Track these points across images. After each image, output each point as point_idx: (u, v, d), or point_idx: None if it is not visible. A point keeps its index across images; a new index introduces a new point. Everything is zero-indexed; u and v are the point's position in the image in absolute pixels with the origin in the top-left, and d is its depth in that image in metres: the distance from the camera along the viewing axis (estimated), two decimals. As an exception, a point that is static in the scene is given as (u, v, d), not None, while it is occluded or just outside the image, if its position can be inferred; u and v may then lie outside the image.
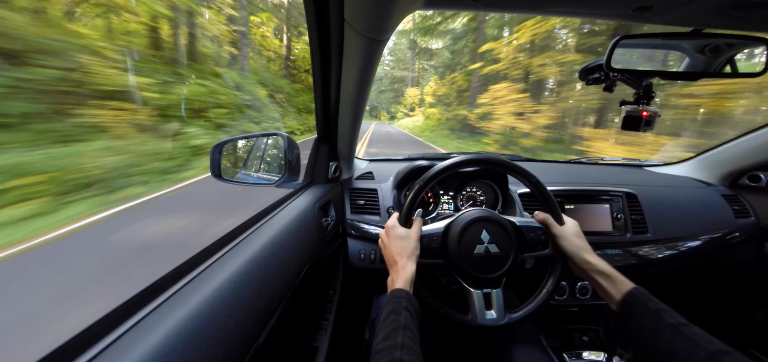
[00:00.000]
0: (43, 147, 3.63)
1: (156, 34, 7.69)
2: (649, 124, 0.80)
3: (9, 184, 3.08)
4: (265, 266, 0.59)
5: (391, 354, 0.49)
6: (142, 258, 2.52)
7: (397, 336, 0.53)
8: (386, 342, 0.52)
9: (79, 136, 4.14)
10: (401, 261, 0.68)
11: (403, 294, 0.61)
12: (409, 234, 0.72)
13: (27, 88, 3.73)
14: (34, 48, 3.94)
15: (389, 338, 0.53)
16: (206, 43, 10.25)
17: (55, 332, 1.70)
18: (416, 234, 0.73)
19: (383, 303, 0.62)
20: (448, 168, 0.76)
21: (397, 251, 0.70)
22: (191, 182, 4.95)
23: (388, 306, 0.60)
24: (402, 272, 0.67)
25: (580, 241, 0.72)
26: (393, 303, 0.60)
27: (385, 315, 0.58)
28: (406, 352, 0.50)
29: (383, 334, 0.54)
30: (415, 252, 0.71)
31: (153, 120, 5.58)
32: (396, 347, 0.50)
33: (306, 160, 1.03)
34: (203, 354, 0.40)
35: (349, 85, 0.81)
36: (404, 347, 0.51)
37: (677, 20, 0.65)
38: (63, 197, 3.40)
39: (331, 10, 0.64)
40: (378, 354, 0.51)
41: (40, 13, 4.83)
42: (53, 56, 4.16)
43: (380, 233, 0.78)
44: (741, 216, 1.23)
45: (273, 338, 0.60)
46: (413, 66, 46.15)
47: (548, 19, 8.86)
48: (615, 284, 0.63)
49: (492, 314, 0.72)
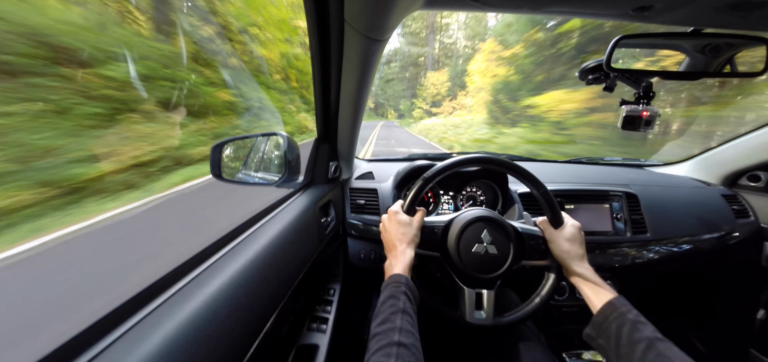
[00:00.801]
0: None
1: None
2: (649, 124, 0.80)
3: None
4: (265, 266, 0.59)
5: (389, 336, 0.50)
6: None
7: (396, 319, 0.53)
8: (385, 326, 0.52)
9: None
10: (401, 247, 0.68)
11: (402, 279, 0.61)
12: (411, 221, 0.72)
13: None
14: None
15: (388, 321, 0.53)
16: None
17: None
18: (418, 222, 0.73)
19: (381, 289, 0.62)
20: (454, 165, 0.76)
21: (397, 236, 0.70)
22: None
23: (387, 291, 0.59)
24: (401, 257, 0.67)
25: (570, 247, 0.70)
26: (392, 288, 0.60)
27: (383, 299, 0.58)
28: (404, 335, 0.50)
29: (382, 317, 0.54)
30: (415, 240, 0.71)
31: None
32: (395, 330, 0.51)
33: (306, 160, 1.02)
34: (203, 353, 0.40)
35: (349, 84, 0.81)
36: (403, 330, 0.51)
37: (677, 20, 0.65)
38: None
39: (331, 10, 0.64)
40: (377, 337, 0.51)
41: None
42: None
43: (382, 217, 0.78)
44: (741, 216, 1.23)
45: (273, 338, 0.60)
46: (433, 42, 31.38)
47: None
48: (598, 293, 0.63)
49: (481, 314, 0.72)
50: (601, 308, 0.60)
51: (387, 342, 0.49)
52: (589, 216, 1.13)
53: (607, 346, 0.56)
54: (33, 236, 2.65)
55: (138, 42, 5.97)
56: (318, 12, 0.66)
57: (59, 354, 0.33)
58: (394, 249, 0.69)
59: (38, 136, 3.35)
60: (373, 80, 0.85)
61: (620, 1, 0.58)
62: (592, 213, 1.14)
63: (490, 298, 0.72)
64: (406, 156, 1.51)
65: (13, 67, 3.21)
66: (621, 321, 0.56)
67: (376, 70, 0.80)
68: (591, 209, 1.14)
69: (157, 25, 7.29)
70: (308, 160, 1.03)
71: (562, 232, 0.73)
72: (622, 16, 0.63)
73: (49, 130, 3.48)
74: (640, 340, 0.51)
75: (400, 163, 1.40)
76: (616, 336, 0.54)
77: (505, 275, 0.72)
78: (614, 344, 0.54)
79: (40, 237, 2.65)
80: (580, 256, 0.70)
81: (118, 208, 3.53)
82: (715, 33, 0.68)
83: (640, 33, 0.73)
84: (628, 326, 0.54)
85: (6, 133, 3.07)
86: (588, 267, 0.68)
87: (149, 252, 2.55)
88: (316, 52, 0.75)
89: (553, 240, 0.72)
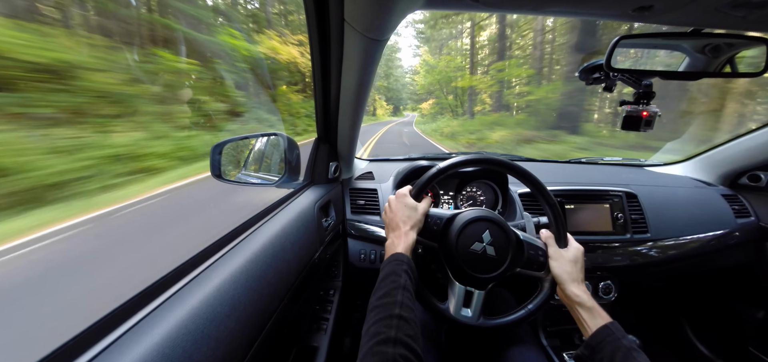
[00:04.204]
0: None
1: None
2: (649, 124, 0.80)
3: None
4: (265, 266, 0.59)
5: (390, 309, 0.50)
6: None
7: (397, 294, 0.53)
8: (385, 299, 0.52)
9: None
10: (404, 228, 0.69)
11: (404, 258, 0.62)
12: (417, 206, 0.73)
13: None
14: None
15: (389, 296, 0.53)
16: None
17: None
18: (424, 209, 0.74)
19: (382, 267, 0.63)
20: (462, 164, 0.76)
21: (402, 218, 0.71)
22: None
23: (388, 267, 0.60)
24: (404, 238, 0.67)
25: (572, 268, 0.70)
26: (393, 265, 0.60)
27: (384, 275, 0.59)
28: (405, 310, 0.51)
29: (382, 292, 0.54)
30: (418, 225, 0.72)
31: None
32: (395, 304, 0.51)
33: (306, 160, 1.02)
34: (203, 353, 0.40)
35: (349, 85, 0.81)
36: (403, 305, 0.51)
37: (677, 20, 0.65)
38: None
39: (331, 10, 0.64)
40: (377, 309, 0.51)
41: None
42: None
43: (388, 198, 0.78)
44: (741, 216, 1.23)
45: (273, 338, 0.60)
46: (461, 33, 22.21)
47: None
48: (594, 317, 0.63)
49: (467, 312, 0.72)
50: (595, 331, 0.60)
51: (387, 314, 0.49)
52: (589, 216, 1.13)
53: None
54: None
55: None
56: (318, 12, 0.67)
57: (59, 354, 0.33)
58: (398, 229, 0.70)
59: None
60: (373, 81, 0.85)
61: (620, 1, 0.58)
62: (592, 213, 1.14)
63: (479, 298, 0.73)
64: (405, 156, 1.51)
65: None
66: (615, 346, 0.56)
67: (376, 70, 0.80)
68: (591, 209, 1.14)
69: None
70: (308, 160, 1.03)
71: (566, 252, 0.72)
72: (622, 16, 0.63)
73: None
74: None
75: (400, 162, 1.40)
76: (610, 361, 0.55)
77: (499, 278, 0.72)
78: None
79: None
80: (580, 279, 0.70)
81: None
82: (715, 33, 0.68)
83: (640, 33, 0.73)
84: (621, 352, 0.55)
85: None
86: (585, 290, 0.68)
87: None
88: (316, 52, 0.75)
89: (556, 258, 0.72)
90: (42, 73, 3.91)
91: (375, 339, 0.46)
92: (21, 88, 3.66)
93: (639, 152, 5.07)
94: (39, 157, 3.37)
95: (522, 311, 0.74)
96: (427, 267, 0.94)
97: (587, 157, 1.64)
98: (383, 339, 0.46)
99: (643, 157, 1.74)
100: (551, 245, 0.74)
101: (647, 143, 5.19)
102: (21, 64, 3.66)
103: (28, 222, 2.83)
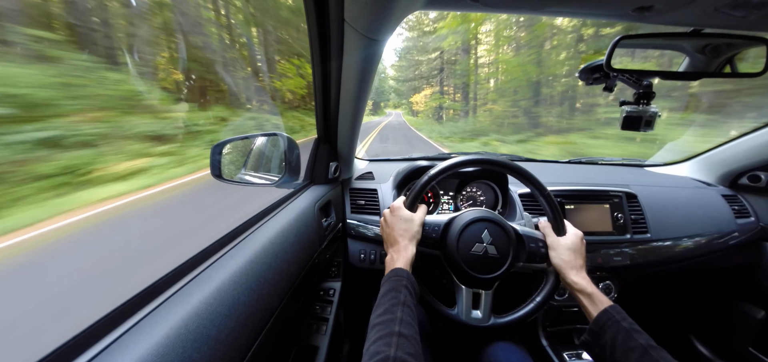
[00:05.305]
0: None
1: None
2: (649, 124, 0.80)
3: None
4: (265, 266, 0.59)
5: (390, 327, 0.50)
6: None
7: (397, 311, 0.53)
8: (386, 316, 0.53)
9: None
10: (403, 242, 0.69)
11: (403, 273, 0.62)
12: (413, 217, 0.73)
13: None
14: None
15: (389, 312, 0.53)
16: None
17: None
18: (420, 219, 0.74)
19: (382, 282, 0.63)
20: (457, 165, 0.76)
21: (399, 232, 0.71)
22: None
23: (388, 284, 0.60)
24: (403, 252, 0.67)
25: (571, 256, 0.70)
26: (393, 281, 0.60)
27: (384, 291, 0.59)
28: (405, 327, 0.51)
29: (383, 309, 0.55)
30: (416, 236, 0.71)
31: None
32: (395, 321, 0.51)
33: (306, 160, 1.02)
34: (203, 353, 0.40)
35: (349, 85, 0.81)
36: (403, 321, 0.51)
37: (677, 20, 0.65)
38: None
39: (331, 10, 0.64)
40: (377, 327, 0.51)
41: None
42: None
43: (383, 212, 0.78)
44: (741, 216, 1.23)
45: (273, 338, 0.60)
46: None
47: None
48: (594, 302, 0.64)
49: (477, 314, 0.72)
50: (596, 317, 0.61)
51: (387, 331, 0.49)
52: (589, 217, 1.13)
53: (603, 354, 0.58)
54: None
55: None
56: (318, 12, 0.66)
57: (60, 353, 0.33)
58: (396, 243, 0.69)
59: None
60: (374, 80, 0.85)
61: (620, 1, 0.58)
62: (592, 213, 1.13)
63: (487, 298, 0.73)
64: (405, 156, 1.51)
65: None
66: (616, 329, 0.57)
67: (376, 70, 0.80)
68: (591, 209, 1.14)
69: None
70: (308, 160, 1.03)
71: (564, 240, 0.73)
72: (622, 16, 0.63)
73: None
74: (634, 348, 0.53)
75: (400, 162, 1.40)
76: (612, 344, 0.56)
77: (504, 276, 0.72)
78: (609, 352, 0.56)
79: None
80: (579, 266, 0.70)
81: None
82: (715, 33, 0.68)
83: (640, 33, 0.73)
84: (622, 334, 0.55)
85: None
86: (585, 277, 0.68)
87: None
88: (316, 52, 0.75)
89: (554, 247, 0.72)
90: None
91: (375, 358, 0.46)
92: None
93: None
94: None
95: (531, 304, 0.74)
96: (431, 275, 0.94)
97: (587, 157, 1.64)
98: (383, 358, 0.46)
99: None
100: (549, 235, 0.74)
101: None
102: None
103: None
